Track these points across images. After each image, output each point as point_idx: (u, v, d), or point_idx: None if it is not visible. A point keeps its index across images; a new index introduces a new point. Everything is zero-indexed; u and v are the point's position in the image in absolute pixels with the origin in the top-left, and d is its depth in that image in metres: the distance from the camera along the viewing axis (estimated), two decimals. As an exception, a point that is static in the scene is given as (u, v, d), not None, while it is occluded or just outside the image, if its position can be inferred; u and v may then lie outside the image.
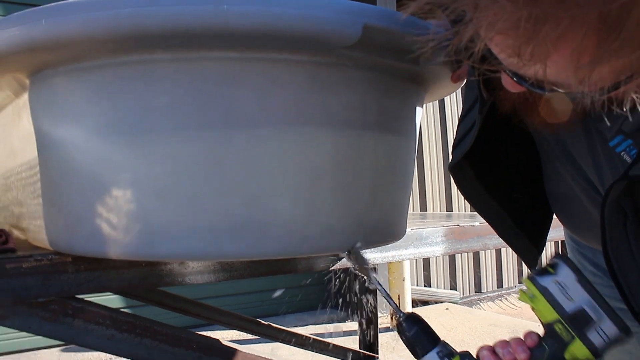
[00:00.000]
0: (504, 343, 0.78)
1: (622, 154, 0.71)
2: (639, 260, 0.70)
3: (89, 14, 0.74)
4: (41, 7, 0.77)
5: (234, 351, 1.26)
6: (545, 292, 0.75)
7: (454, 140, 0.92)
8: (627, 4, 0.44)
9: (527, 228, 0.95)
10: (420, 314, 0.87)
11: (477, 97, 0.82)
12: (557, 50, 0.48)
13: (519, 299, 0.79)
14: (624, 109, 0.57)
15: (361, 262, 0.93)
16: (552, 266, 0.76)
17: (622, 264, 0.72)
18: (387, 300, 0.90)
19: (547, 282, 0.75)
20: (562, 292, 0.74)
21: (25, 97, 0.95)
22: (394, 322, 3.65)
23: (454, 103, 4.86)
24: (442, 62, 0.95)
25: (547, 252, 5.12)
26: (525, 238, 0.96)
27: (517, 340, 0.77)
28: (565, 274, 0.74)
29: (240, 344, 1.32)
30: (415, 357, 0.84)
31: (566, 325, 0.74)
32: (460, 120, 0.93)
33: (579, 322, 0.73)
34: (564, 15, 0.45)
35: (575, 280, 0.74)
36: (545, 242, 0.99)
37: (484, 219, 0.97)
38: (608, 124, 0.71)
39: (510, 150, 0.93)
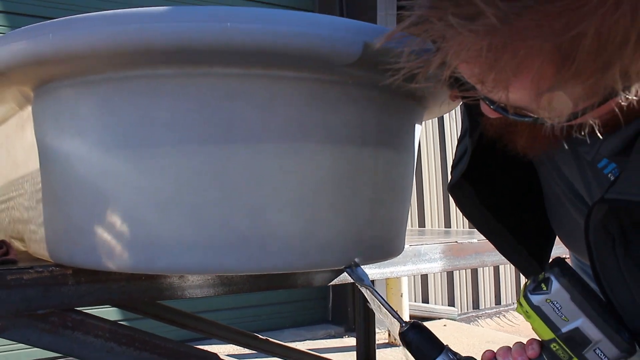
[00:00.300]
0: (506, 351, 0.78)
1: (609, 175, 0.72)
2: (629, 282, 0.69)
3: (95, 28, 0.75)
4: (48, 21, 0.78)
5: (232, 365, 1.26)
6: (538, 312, 0.73)
7: (453, 160, 0.93)
8: (578, 35, 0.46)
9: (529, 245, 0.95)
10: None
11: (468, 124, 0.84)
12: (516, 77, 0.52)
13: (516, 311, 0.78)
14: (583, 134, 0.60)
15: (359, 277, 0.94)
16: (545, 282, 0.73)
17: (613, 285, 0.72)
18: (389, 312, 0.90)
19: (539, 301, 0.73)
20: (555, 311, 0.72)
21: (29, 109, 0.96)
22: (392, 338, 3.64)
23: (453, 121, 4.88)
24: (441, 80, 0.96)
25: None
26: (527, 255, 0.95)
27: (519, 350, 0.77)
28: (558, 292, 0.72)
29: (238, 359, 1.32)
30: None
31: (562, 345, 0.72)
32: (459, 140, 0.94)
33: (575, 342, 0.71)
34: (521, 45, 0.48)
35: (568, 299, 0.71)
36: (548, 258, 0.98)
37: (485, 237, 0.97)
38: (586, 146, 0.73)
39: (509, 168, 0.93)
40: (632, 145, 0.64)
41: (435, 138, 4.78)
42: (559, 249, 1.02)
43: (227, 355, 1.26)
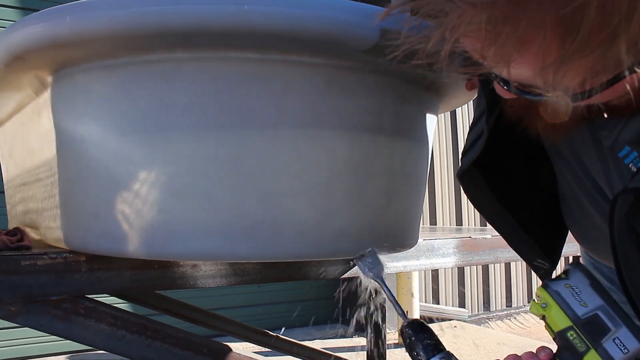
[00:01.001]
0: (516, 358, 0.76)
1: (630, 165, 0.70)
2: None
3: (113, 11, 0.75)
4: (66, 4, 0.78)
5: (244, 358, 1.25)
6: (557, 297, 0.72)
7: (464, 147, 0.92)
8: (581, 6, 0.45)
9: (540, 240, 0.93)
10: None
11: (485, 105, 0.82)
12: (519, 51, 0.50)
13: (530, 311, 0.76)
14: (599, 116, 0.59)
15: (373, 266, 0.93)
16: (565, 272, 0.74)
17: (638, 284, 0.69)
18: (394, 306, 0.89)
19: (559, 286, 0.72)
20: (574, 296, 0.71)
21: (45, 95, 0.96)
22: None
23: (466, 117, 4.86)
24: (457, 69, 0.95)
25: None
26: (538, 250, 0.93)
27: (530, 354, 0.75)
28: (578, 279, 0.72)
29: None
30: None
31: (580, 333, 0.70)
32: (471, 127, 0.93)
33: (593, 330, 0.69)
34: (522, 17, 0.47)
35: (588, 284, 0.71)
36: (559, 256, 0.96)
37: (494, 228, 0.96)
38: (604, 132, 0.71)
39: (523, 159, 0.92)
40: None
41: (447, 135, 4.76)
42: (568, 248, 1.01)
43: (240, 352, 1.25)
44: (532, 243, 0.93)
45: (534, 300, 0.75)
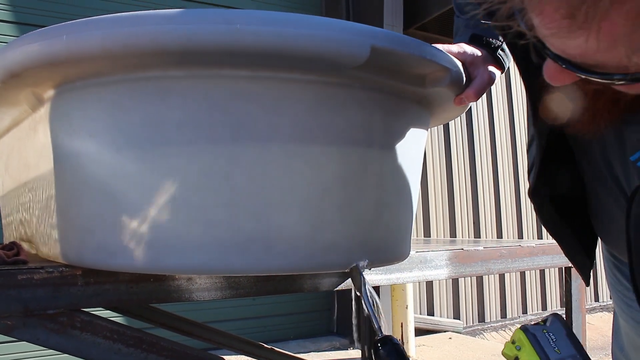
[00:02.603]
0: None
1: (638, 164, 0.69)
2: None
3: (107, 30, 0.77)
4: (62, 24, 0.80)
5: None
6: (533, 340, 0.75)
7: (528, 165, 0.92)
8: None
9: (584, 242, 0.93)
10: (422, 343, 0.87)
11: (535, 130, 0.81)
12: (613, 9, 0.45)
13: (502, 352, 0.79)
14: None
15: (360, 280, 0.94)
16: (544, 320, 0.78)
17: None
18: (373, 318, 0.91)
19: (537, 331, 0.76)
20: (550, 342, 0.75)
21: (41, 111, 0.98)
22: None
23: (459, 131, 4.90)
24: (447, 85, 0.97)
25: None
26: (583, 253, 0.93)
27: None
28: (556, 327, 0.76)
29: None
30: None
31: None
32: (528, 146, 0.94)
33: None
34: None
35: (564, 334, 0.75)
36: (595, 253, 0.96)
37: (555, 239, 0.95)
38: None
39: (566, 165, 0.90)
40: None
41: (441, 147, 4.79)
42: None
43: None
44: (580, 248, 0.93)
45: (507, 342, 0.78)
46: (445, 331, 4.37)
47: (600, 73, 0.51)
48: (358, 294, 0.95)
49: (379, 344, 0.86)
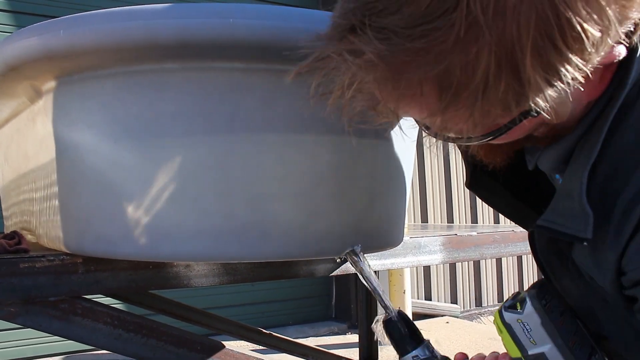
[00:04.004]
0: (481, 358, 0.82)
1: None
2: (584, 293, 0.72)
3: (103, 25, 0.79)
4: (59, 18, 0.82)
5: (237, 354, 1.29)
6: (509, 329, 0.75)
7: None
8: (448, 68, 0.52)
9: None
10: (420, 327, 0.89)
11: None
12: (403, 105, 0.59)
13: (493, 322, 0.79)
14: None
15: (357, 264, 0.97)
16: (521, 302, 0.75)
17: (569, 296, 0.75)
18: (378, 299, 0.93)
19: (511, 319, 0.75)
20: (525, 333, 0.74)
21: (40, 103, 1.00)
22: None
23: (456, 118, 4.90)
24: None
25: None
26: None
27: (493, 356, 0.81)
28: (530, 315, 0.74)
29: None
30: (398, 355, 0.86)
31: None
32: None
33: None
34: (401, 78, 0.55)
35: (539, 323, 0.73)
36: None
37: (517, 223, 0.97)
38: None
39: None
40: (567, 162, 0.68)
41: (438, 136, 4.79)
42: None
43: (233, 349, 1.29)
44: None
45: (494, 317, 0.78)
46: (442, 316, 4.40)
47: (452, 138, 0.65)
48: (360, 277, 0.97)
49: (390, 322, 0.87)
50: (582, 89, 0.56)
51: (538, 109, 0.56)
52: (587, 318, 0.75)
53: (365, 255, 0.98)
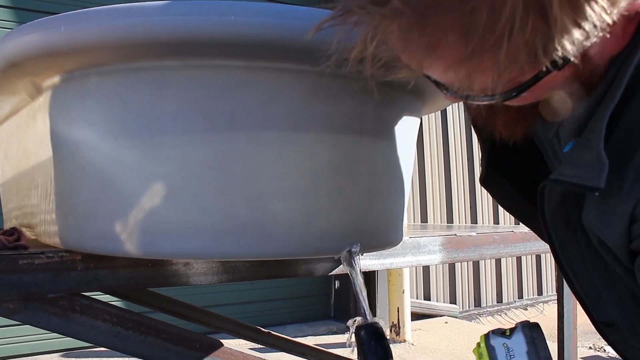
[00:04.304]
0: None
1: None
2: (592, 272, 0.71)
3: (104, 21, 0.79)
4: (60, 14, 0.82)
5: (236, 352, 1.29)
6: (491, 352, 0.75)
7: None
8: (474, 10, 0.52)
9: None
10: (419, 327, 0.89)
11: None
12: (428, 54, 0.57)
13: (473, 351, 0.79)
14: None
15: (351, 265, 0.97)
16: (511, 330, 0.75)
17: (577, 272, 0.74)
18: (361, 303, 0.93)
19: (497, 343, 0.75)
20: (507, 356, 0.73)
21: (40, 100, 1.00)
22: (393, 334, 3.67)
23: (456, 116, 4.91)
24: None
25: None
26: None
27: None
28: (517, 342, 0.74)
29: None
30: None
31: None
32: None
33: None
34: (427, 23, 0.54)
35: (525, 351, 0.73)
36: None
37: (528, 226, 0.96)
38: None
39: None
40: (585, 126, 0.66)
41: (438, 133, 4.81)
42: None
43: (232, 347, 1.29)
44: None
45: (478, 344, 0.78)
46: (441, 316, 4.41)
47: (465, 97, 0.63)
48: (351, 277, 0.97)
49: (361, 330, 0.88)
50: (608, 36, 0.56)
51: (565, 56, 0.56)
52: (592, 303, 0.74)
53: (362, 255, 0.98)
